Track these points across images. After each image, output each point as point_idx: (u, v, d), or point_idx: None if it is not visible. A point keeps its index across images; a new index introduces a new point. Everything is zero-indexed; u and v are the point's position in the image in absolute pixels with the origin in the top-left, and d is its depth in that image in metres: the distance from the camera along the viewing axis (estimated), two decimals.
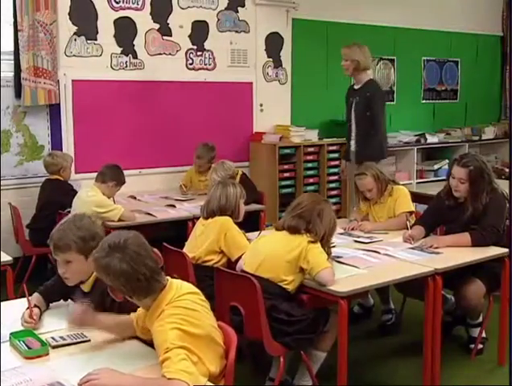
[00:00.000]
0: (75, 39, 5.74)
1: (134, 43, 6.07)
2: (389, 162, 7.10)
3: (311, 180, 6.91)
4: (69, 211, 4.82)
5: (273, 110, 7.02)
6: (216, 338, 2.28)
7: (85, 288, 2.65)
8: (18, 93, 5.43)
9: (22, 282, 5.02)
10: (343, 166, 6.04)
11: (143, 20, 6.09)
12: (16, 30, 5.36)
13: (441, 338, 3.51)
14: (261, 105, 6.95)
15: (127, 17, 6.01)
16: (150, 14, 6.13)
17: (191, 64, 6.43)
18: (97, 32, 5.85)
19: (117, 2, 5.93)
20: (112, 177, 4.91)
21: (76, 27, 5.73)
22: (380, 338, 4.36)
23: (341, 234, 4.25)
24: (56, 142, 5.74)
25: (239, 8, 6.68)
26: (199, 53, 6.46)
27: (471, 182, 3.85)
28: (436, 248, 3.77)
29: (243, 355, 3.03)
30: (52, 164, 5.34)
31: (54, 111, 5.69)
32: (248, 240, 3.77)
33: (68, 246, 2.52)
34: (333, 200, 6.89)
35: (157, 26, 6.17)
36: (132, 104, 6.09)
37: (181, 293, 2.21)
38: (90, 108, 5.85)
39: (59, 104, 5.68)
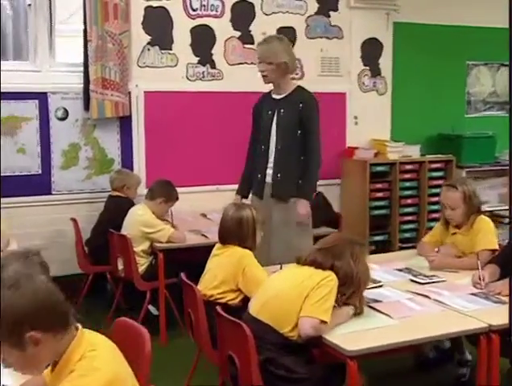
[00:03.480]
0: (148, 49, 5.52)
1: (213, 52, 5.75)
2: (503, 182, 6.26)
3: (409, 201, 6.20)
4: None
5: (369, 123, 6.39)
6: None
7: None
8: (86, 106, 5.29)
9: (79, 300, 4.91)
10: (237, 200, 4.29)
11: (222, 28, 5.75)
12: (86, 41, 5.22)
13: None
14: (355, 118, 6.36)
15: (205, 25, 5.70)
16: (231, 21, 5.78)
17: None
18: (172, 41, 5.59)
19: (194, 10, 5.64)
20: (161, 193, 4.63)
21: (150, 37, 5.51)
22: None
23: (400, 270, 3.62)
24: (127, 156, 5.54)
25: (331, 12, 6.15)
26: None
27: None
28: (506, 295, 3.03)
29: None
30: (116, 180, 5.16)
31: (125, 123, 5.50)
32: None
33: None
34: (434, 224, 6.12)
35: (237, 33, 5.80)
36: (209, 117, 5.77)
37: (94, 349, 1.77)
38: (163, 121, 5.60)
39: (130, 117, 5.48)
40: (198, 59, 5.70)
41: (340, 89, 6.27)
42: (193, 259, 4.12)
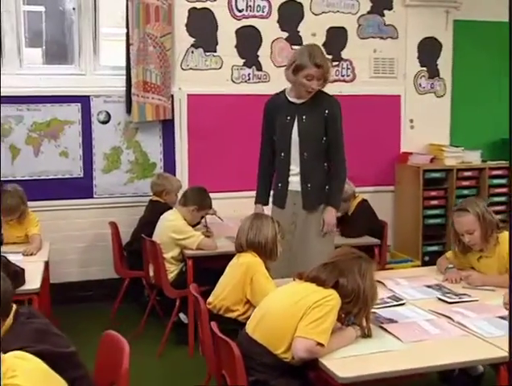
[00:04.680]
0: (192, 52, 5.43)
1: (259, 53, 5.59)
2: None
3: None
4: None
5: (426, 127, 6.06)
6: None
7: None
8: (128, 109, 5.25)
9: (114, 305, 4.87)
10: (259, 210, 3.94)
11: (269, 29, 5.58)
12: (128, 44, 5.18)
13: None
14: (411, 121, 6.05)
15: (251, 26, 5.55)
16: (278, 21, 5.61)
17: None
18: (217, 43, 5.48)
19: (239, 11, 5.51)
20: (194, 201, 4.53)
21: (194, 39, 5.41)
22: None
23: (429, 286, 3.36)
24: (169, 160, 5.47)
25: (385, 11, 5.87)
26: (335, 63, 5.78)
27: None
28: None
29: None
30: (156, 184, 5.10)
31: (167, 127, 5.43)
32: None
33: None
34: None
35: (285, 34, 5.62)
36: (254, 121, 5.57)
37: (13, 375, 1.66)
38: (206, 125, 5.49)
39: (172, 120, 5.40)
40: (243, 61, 5.57)
41: (394, 91, 5.97)
42: (225, 267, 3.98)
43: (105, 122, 5.30)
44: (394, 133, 6.02)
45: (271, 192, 3.99)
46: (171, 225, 4.42)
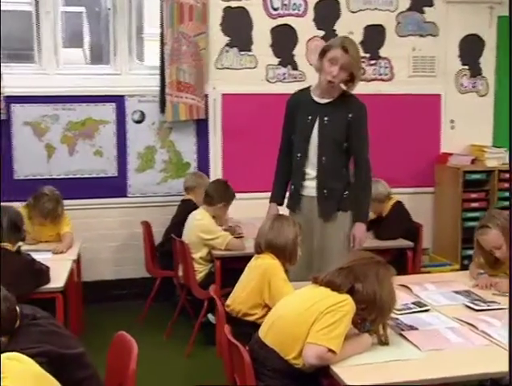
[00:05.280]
0: (227, 51, 5.40)
1: (294, 52, 5.52)
2: None
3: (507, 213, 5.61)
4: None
5: (468, 127, 5.88)
6: None
7: None
8: (162, 108, 5.26)
9: (146, 304, 4.89)
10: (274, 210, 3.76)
11: (305, 27, 5.51)
12: (162, 44, 5.19)
13: None
14: (451, 121, 5.88)
15: (286, 24, 5.49)
16: (314, 20, 5.53)
17: (362, 75, 5.64)
18: (252, 42, 5.44)
19: (275, 9, 5.45)
20: (220, 198, 4.54)
21: (229, 38, 5.39)
22: None
23: (457, 292, 3.24)
24: (203, 160, 5.46)
25: (425, 8, 5.72)
26: (372, 62, 5.67)
27: None
28: None
29: None
30: (189, 180, 5.12)
31: (201, 127, 5.42)
32: None
33: None
34: None
35: (321, 33, 5.54)
36: None
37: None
38: (241, 124, 5.46)
39: (206, 120, 5.39)
40: (279, 60, 5.51)
41: (434, 91, 5.82)
42: None
43: (139, 122, 5.32)
44: (434, 133, 5.87)
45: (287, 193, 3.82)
46: (200, 225, 4.40)
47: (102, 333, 2.49)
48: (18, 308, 2.25)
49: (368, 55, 5.64)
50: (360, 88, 5.35)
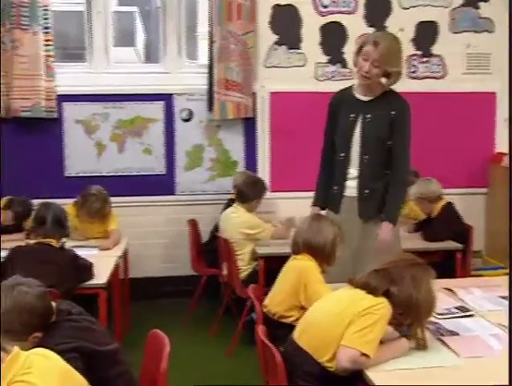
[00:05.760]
0: (275, 49, 5.37)
1: (344, 50, 5.45)
2: None
3: None
4: None
5: None
6: None
7: None
8: (210, 107, 5.28)
9: (192, 302, 4.91)
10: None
11: (355, 24, 5.43)
12: (211, 42, 5.21)
13: None
14: (506, 120, 5.69)
15: (336, 22, 5.43)
16: (364, 17, 5.45)
17: (413, 73, 5.55)
18: (301, 40, 5.39)
19: (324, 7, 5.39)
20: (254, 194, 4.59)
21: (278, 36, 5.36)
22: None
23: (504, 297, 3.12)
24: (251, 158, 5.45)
25: (480, 3, 5.56)
26: (424, 59, 5.54)
27: None
28: None
29: None
30: (237, 179, 5.08)
31: (249, 125, 5.41)
32: None
33: None
34: None
35: (372, 30, 5.43)
36: None
37: (28, 372, 1.66)
38: (290, 123, 5.42)
39: (255, 118, 5.38)
40: (328, 58, 5.45)
41: (489, 88, 5.65)
42: None
43: (187, 120, 5.35)
44: (488, 132, 5.70)
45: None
46: (242, 222, 4.42)
47: (148, 330, 2.49)
48: (54, 304, 2.28)
49: (420, 53, 5.52)
50: (411, 86, 5.34)
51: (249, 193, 4.51)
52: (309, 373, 2.37)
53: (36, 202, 4.21)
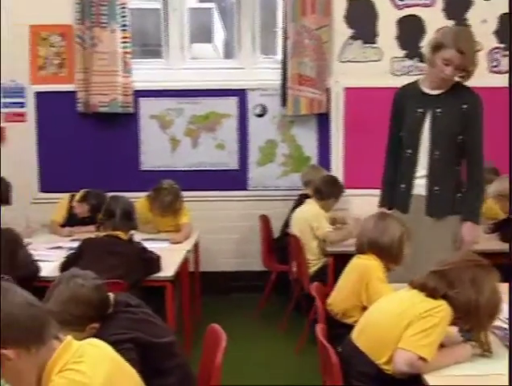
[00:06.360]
0: (350, 44, 5.29)
1: (421, 44, 5.30)
2: None
3: None
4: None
5: None
6: None
7: None
8: (284, 102, 5.26)
9: (262, 297, 4.92)
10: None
11: (434, 17, 5.26)
12: (285, 37, 5.19)
13: None
14: None
15: (414, 15, 5.28)
16: (444, 9, 5.27)
17: (495, 67, 5.34)
18: (377, 34, 5.29)
19: (401, 0, 5.26)
20: (331, 194, 4.53)
21: (353, 30, 5.28)
22: None
23: None
24: (324, 154, 5.40)
25: None
26: (507, 52, 5.31)
27: None
28: None
29: None
30: (305, 176, 5.08)
31: (323, 121, 5.36)
32: None
33: None
34: None
35: (451, 23, 5.26)
36: None
37: (79, 361, 1.69)
38: (364, 119, 5.32)
39: (328, 114, 5.32)
40: (405, 52, 5.32)
41: None
42: None
43: (260, 115, 5.35)
44: None
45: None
46: (312, 215, 4.40)
47: (217, 323, 2.50)
48: (112, 296, 2.33)
49: (502, 46, 5.30)
50: (493, 81, 5.13)
51: (327, 191, 4.47)
52: (365, 374, 2.32)
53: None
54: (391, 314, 2.33)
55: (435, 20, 5.27)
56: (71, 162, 5.30)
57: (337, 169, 5.37)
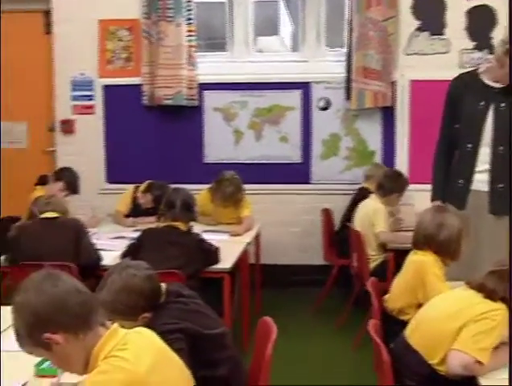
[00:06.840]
0: (417, 35, 5.18)
1: (492, 35, 5.14)
2: None
3: None
4: None
5: None
6: None
7: None
8: (348, 95, 5.20)
9: (322, 292, 4.90)
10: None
11: (505, 8, 5.07)
12: (350, 30, 5.13)
13: None
14: None
15: (484, 5, 5.12)
16: None
17: None
18: (445, 26, 5.15)
19: None
20: (395, 188, 4.44)
21: (420, 22, 5.16)
22: None
23: None
24: (388, 149, 5.31)
25: None
26: None
27: None
28: None
29: None
30: (367, 171, 5.03)
31: (388, 115, 5.27)
32: None
33: None
34: None
35: None
36: None
37: (123, 348, 1.73)
38: (431, 113, 5.14)
39: (394, 108, 5.23)
40: (474, 44, 5.17)
41: None
42: None
43: (324, 108, 5.32)
44: None
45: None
46: (370, 211, 4.34)
47: (276, 316, 2.51)
48: (164, 286, 2.36)
49: None
50: None
51: (389, 186, 4.40)
52: (417, 373, 2.28)
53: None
54: (448, 312, 2.28)
55: (506, 10, 5.08)
56: (136, 153, 5.41)
57: (402, 163, 5.28)
